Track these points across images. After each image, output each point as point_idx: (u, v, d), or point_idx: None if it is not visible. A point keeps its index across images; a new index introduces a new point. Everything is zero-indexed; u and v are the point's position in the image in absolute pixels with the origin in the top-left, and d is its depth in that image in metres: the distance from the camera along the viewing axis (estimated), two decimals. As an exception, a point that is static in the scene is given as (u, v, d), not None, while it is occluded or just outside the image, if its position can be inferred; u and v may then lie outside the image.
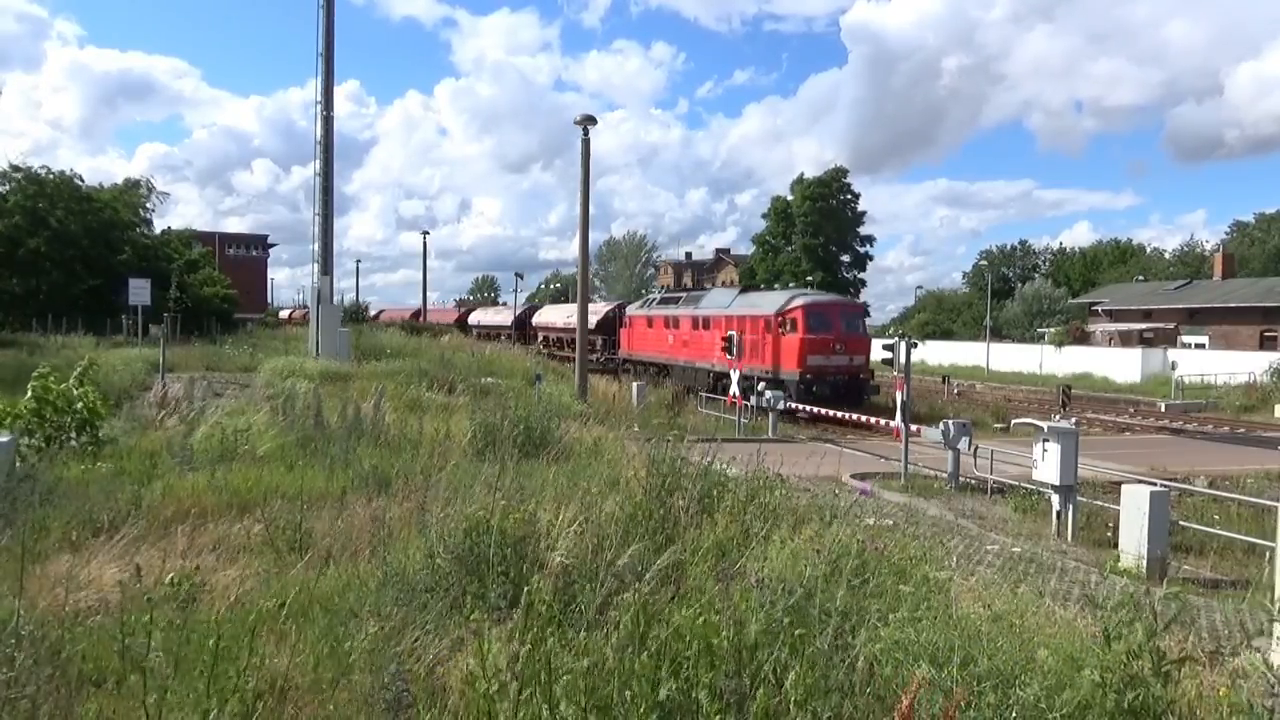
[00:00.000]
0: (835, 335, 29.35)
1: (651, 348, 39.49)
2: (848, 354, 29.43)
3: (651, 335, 39.63)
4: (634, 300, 51.54)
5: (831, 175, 76.56)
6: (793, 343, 29.27)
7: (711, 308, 35.03)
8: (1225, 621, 8.42)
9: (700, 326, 34.83)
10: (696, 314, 35.71)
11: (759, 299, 33.69)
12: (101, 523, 7.16)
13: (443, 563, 5.57)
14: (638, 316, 42.05)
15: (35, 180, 41.40)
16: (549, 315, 60.92)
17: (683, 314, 36.99)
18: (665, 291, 43.17)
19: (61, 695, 3.97)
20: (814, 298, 31.57)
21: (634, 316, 42.52)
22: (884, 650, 4.05)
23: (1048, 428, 12.89)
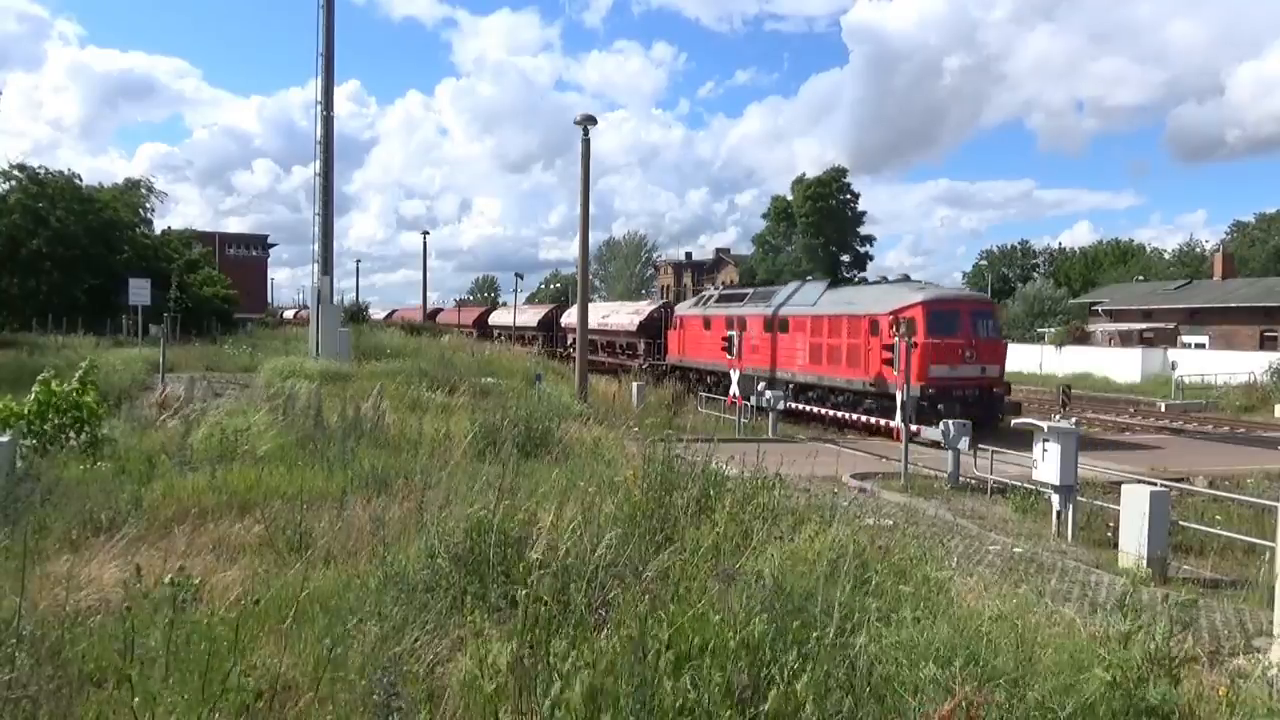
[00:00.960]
0: (964, 339, 23.55)
1: (709, 353, 33.47)
2: (979, 362, 23.74)
3: (709, 339, 33.74)
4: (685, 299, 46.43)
5: (831, 175, 76.59)
6: None
7: (792, 306, 29.33)
8: (1225, 621, 8.42)
9: (775, 329, 29.52)
10: (770, 314, 30.18)
11: (857, 295, 27.91)
12: (101, 523, 7.15)
13: (443, 562, 5.57)
14: (691, 317, 36.15)
15: (35, 180, 41.35)
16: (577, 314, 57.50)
17: (751, 314, 31.36)
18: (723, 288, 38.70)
19: (62, 695, 3.97)
20: (937, 293, 25.19)
21: (686, 317, 36.66)
22: (885, 650, 4.05)
23: (1048, 428, 12.90)
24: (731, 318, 32.19)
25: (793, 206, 76.33)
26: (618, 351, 47.14)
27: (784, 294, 31.29)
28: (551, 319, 59.24)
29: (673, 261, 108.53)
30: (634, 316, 46.00)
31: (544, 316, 60.66)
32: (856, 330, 25.30)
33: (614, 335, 47.63)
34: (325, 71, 27.83)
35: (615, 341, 47.94)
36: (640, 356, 43.43)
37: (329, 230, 28.45)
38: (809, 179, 76.49)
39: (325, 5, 27.48)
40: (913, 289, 25.74)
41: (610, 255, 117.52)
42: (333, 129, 28.26)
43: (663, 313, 43.02)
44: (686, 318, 36.83)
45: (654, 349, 41.72)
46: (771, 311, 30.32)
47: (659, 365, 39.94)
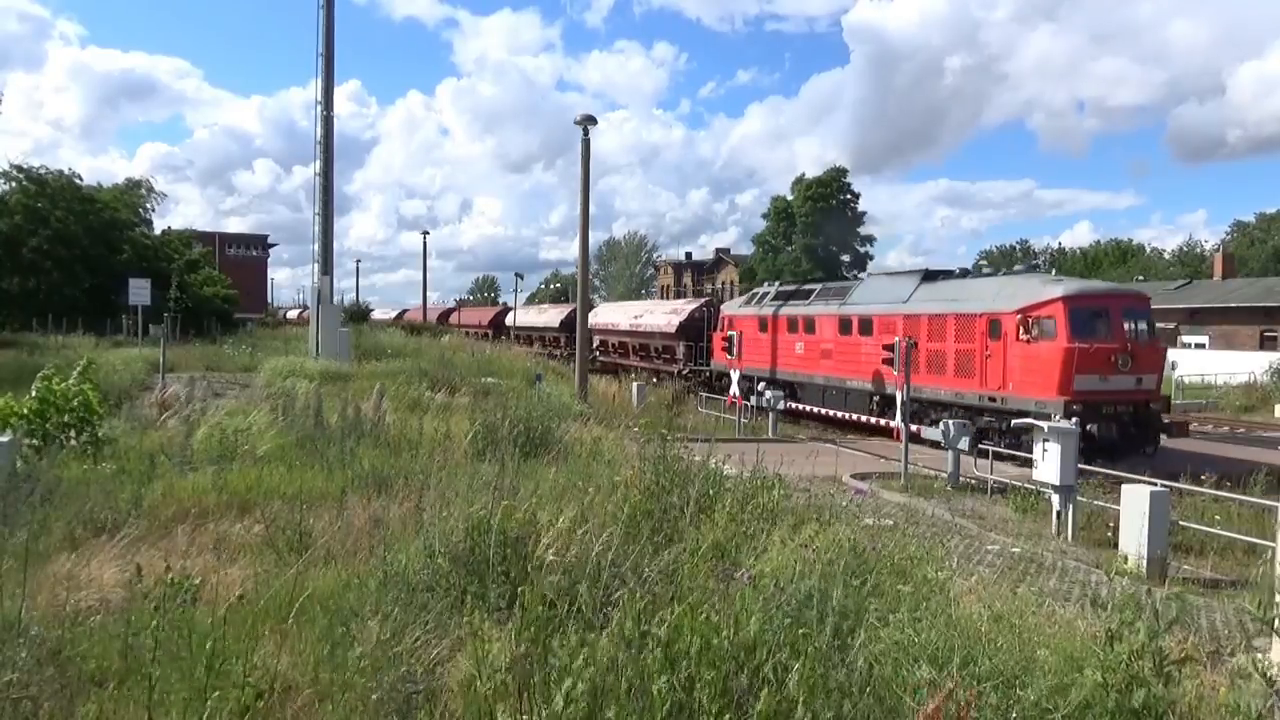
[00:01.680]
0: (1117, 342, 18.78)
1: (766, 358, 29.58)
2: (1135, 371, 18.80)
3: (766, 342, 29.79)
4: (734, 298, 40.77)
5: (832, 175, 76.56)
6: (1049, 354, 18.70)
7: (877, 302, 24.86)
8: (1225, 621, 8.42)
9: (855, 330, 25.15)
10: (848, 312, 25.76)
11: (966, 289, 22.52)
12: (102, 523, 7.16)
13: (443, 562, 5.57)
14: (743, 317, 31.68)
15: (36, 180, 41.38)
16: (608, 315, 50.54)
17: (822, 312, 27.07)
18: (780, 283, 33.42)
19: (63, 695, 3.98)
20: (1080, 286, 20.47)
21: (736, 317, 32.06)
22: (884, 650, 4.06)
23: (1048, 428, 12.90)
24: (795, 318, 28.27)
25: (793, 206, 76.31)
26: (653, 355, 42.69)
27: (863, 289, 26.68)
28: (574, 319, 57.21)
29: (673, 261, 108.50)
30: (672, 317, 41.17)
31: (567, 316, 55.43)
32: (968, 332, 20.96)
33: (648, 338, 43.20)
34: (325, 71, 27.84)
35: (650, 345, 43.14)
36: (679, 361, 39.13)
37: (329, 230, 28.47)
38: (809, 179, 76.45)
39: (325, 5, 27.49)
40: (1046, 281, 21.21)
41: (610, 255, 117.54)
42: (333, 129, 28.29)
43: (705, 312, 38.44)
44: (737, 318, 32.07)
45: (695, 353, 37.42)
46: (848, 310, 25.82)
47: (701, 371, 35.98)
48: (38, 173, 41.90)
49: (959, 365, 21.20)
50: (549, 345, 54.65)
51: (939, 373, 21.85)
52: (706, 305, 40.40)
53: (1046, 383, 18.62)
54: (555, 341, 54.46)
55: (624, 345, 46.57)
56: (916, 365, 21.26)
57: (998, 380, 19.89)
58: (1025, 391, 19.06)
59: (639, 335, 44.42)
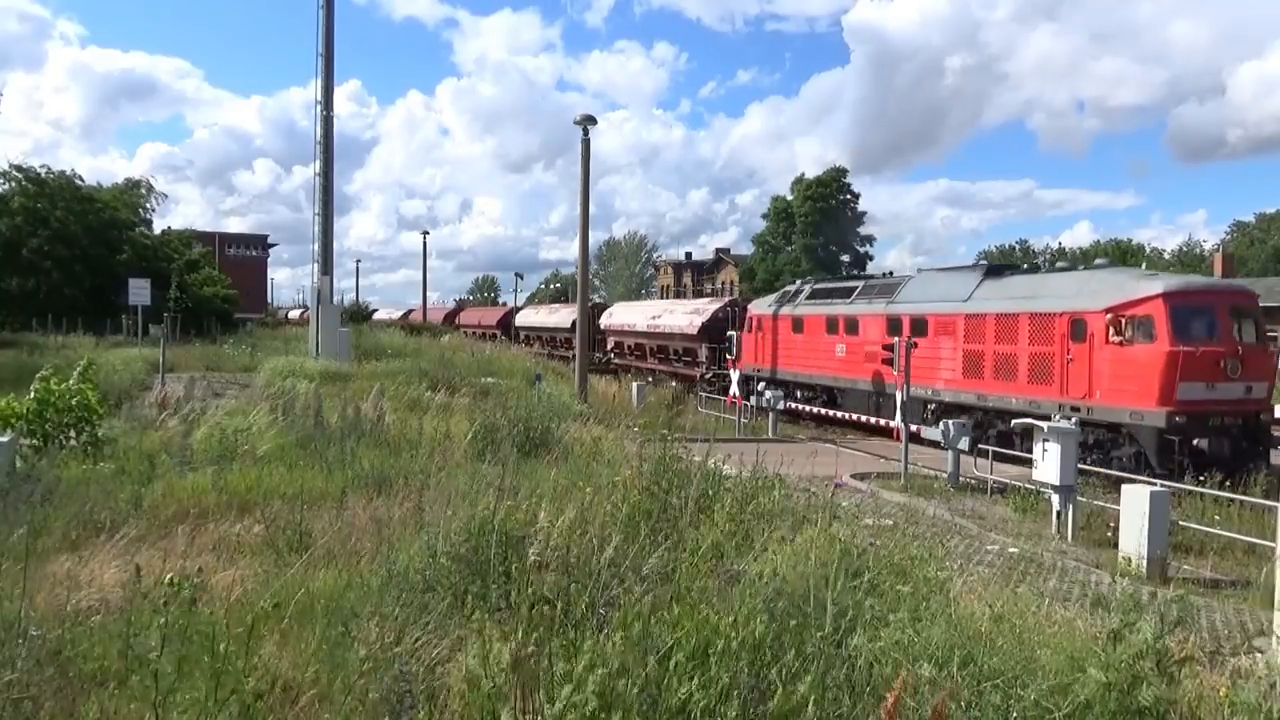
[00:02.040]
0: (1225, 346, 16.55)
1: (801, 361, 27.38)
2: (1244, 379, 16.62)
3: (801, 343, 27.52)
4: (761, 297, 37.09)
5: (831, 175, 76.66)
6: (1147, 359, 16.43)
7: (930, 302, 22.51)
8: (1225, 621, 8.43)
9: (906, 331, 22.35)
10: (897, 311, 23.36)
11: (1040, 285, 20.15)
12: (102, 523, 7.16)
13: (444, 562, 5.57)
14: (775, 317, 29.23)
15: (36, 180, 41.40)
16: (625, 315, 47.46)
17: (866, 312, 24.70)
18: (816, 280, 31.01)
19: (63, 695, 3.98)
20: (1182, 282, 18.22)
21: (766, 317, 29.63)
22: (884, 650, 4.06)
23: (1048, 428, 12.91)
24: (835, 318, 25.99)
25: (793, 207, 76.38)
26: (672, 358, 39.95)
27: (915, 286, 24.02)
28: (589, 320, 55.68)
29: (673, 261, 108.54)
30: (694, 317, 38.54)
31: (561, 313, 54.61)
32: (1046, 333, 18.66)
33: (667, 339, 40.63)
34: (325, 72, 27.86)
35: (669, 346, 40.33)
36: (703, 364, 36.64)
37: (329, 230, 28.48)
38: (809, 179, 76.55)
39: (325, 5, 27.51)
40: (1140, 276, 18.85)
41: (610, 255, 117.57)
42: (333, 129, 28.30)
43: (730, 312, 35.92)
44: (767, 318, 29.55)
45: (719, 356, 34.95)
46: (897, 309, 23.49)
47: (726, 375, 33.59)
48: (38, 173, 41.94)
49: (1034, 371, 18.88)
50: (559, 346, 52.38)
51: (1008, 379, 19.54)
52: (731, 305, 37.47)
53: (1143, 391, 16.42)
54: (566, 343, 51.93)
55: (641, 347, 43.80)
56: (980, 370, 20.10)
57: (1081, 388, 17.62)
58: (1116, 400, 16.85)
59: (657, 336, 41.85)
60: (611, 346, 46.18)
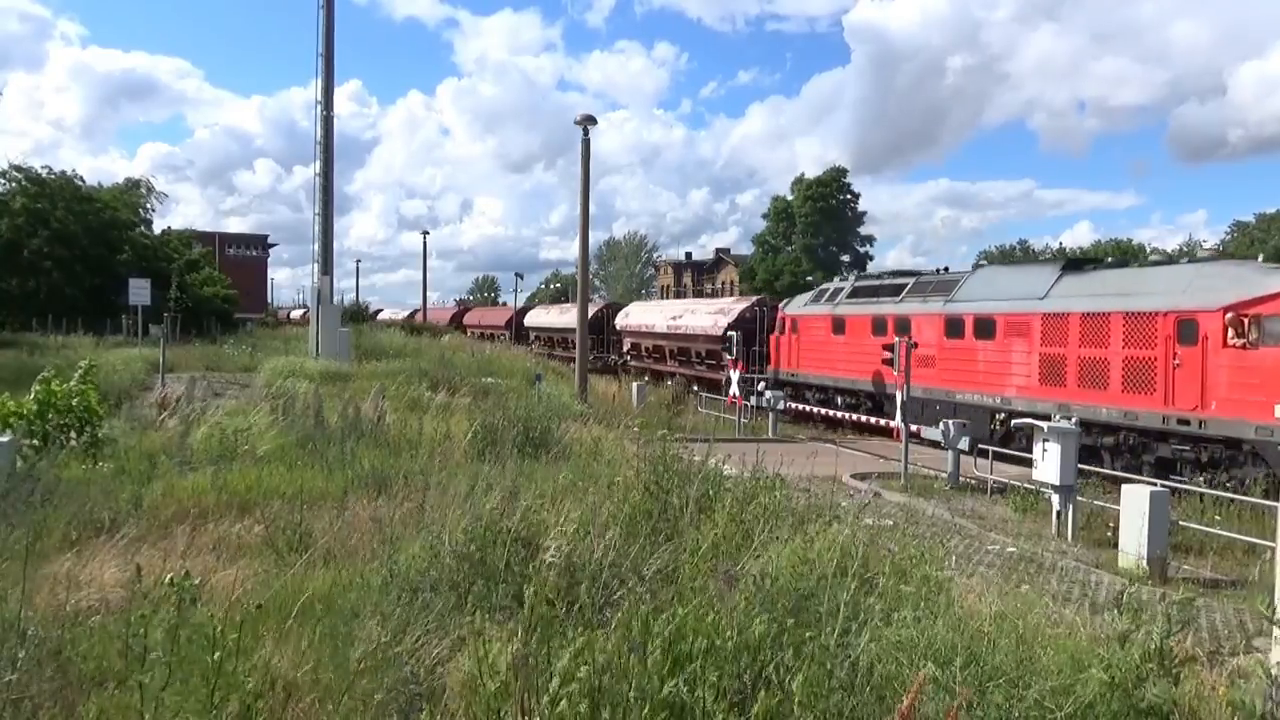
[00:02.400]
0: None
1: (844, 365, 25.33)
2: None
3: (843, 346, 25.46)
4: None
5: (831, 175, 76.71)
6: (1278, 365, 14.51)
7: (998, 300, 20.27)
8: (1225, 621, 8.43)
9: (968, 333, 20.64)
10: (957, 311, 21.24)
11: (1134, 281, 17.83)
12: (102, 523, 7.16)
13: (446, 561, 5.57)
14: (811, 318, 27.06)
15: (36, 180, 41.42)
16: (642, 316, 44.50)
17: (920, 311, 22.56)
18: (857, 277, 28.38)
19: (63, 695, 3.97)
20: None
21: (802, 318, 27.50)
22: (885, 650, 4.06)
23: (1048, 428, 12.91)
24: (882, 318, 23.79)
25: (792, 207, 76.42)
26: (694, 360, 36.97)
27: (977, 283, 21.77)
28: (601, 320, 47.95)
29: (673, 261, 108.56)
30: (719, 317, 35.80)
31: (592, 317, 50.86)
32: (1145, 335, 16.51)
33: (689, 340, 37.77)
34: (325, 72, 27.86)
35: (691, 349, 37.45)
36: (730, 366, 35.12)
37: (329, 230, 28.49)
38: (809, 179, 76.61)
39: (325, 6, 27.51)
40: (1264, 270, 16.33)
41: (610, 255, 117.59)
42: (333, 129, 28.31)
43: (759, 312, 33.62)
44: (803, 319, 27.37)
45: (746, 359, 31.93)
46: (958, 309, 21.27)
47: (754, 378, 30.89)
48: (38, 173, 41.96)
49: (1130, 377, 16.67)
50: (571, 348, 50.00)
51: (1097, 386, 17.33)
52: (759, 304, 35.09)
53: (1274, 402, 14.37)
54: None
55: (659, 349, 40.92)
56: (1061, 377, 18.05)
57: (1192, 398, 15.54)
58: (1237, 412, 14.77)
59: (678, 338, 39.13)
60: (628, 348, 43.43)
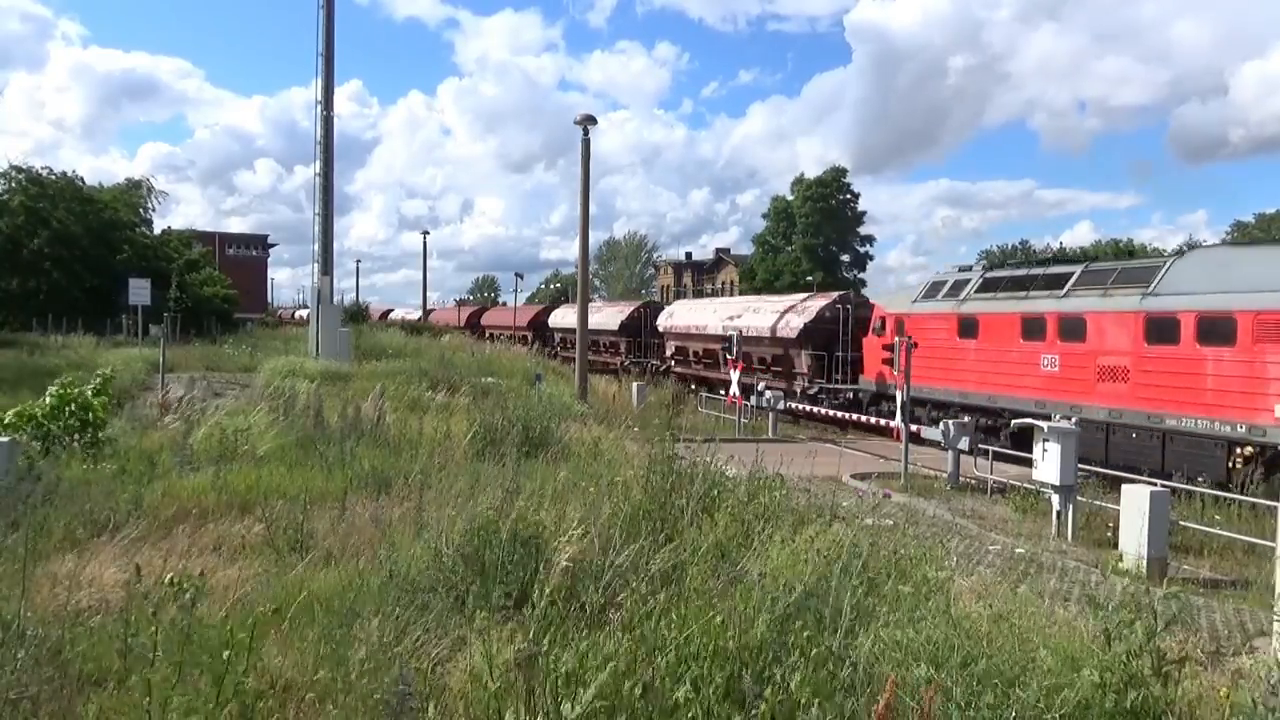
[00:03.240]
0: None
1: (976, 377, 20.79)
2: None
3: (975, 353, 20.98)
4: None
5: (831, 175, 76.74)
6: None
7: (1236, 291, 15.48)
8: (1225, 621, 8.43)
9: (1188, 337, 16.09)
10: (1166, 308, 16.60)
11: None
12: (102, 523, 7.17)
13: (447, 561, 5.58)
14: (926, 316, 22.19)
15: (36, 180, 41.43)
16: (690, 316, 38.42)
17: (1101, 309, 17.97)
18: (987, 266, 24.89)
19: (63, 695, 3.98)
20: None
21: (912, 316, 22.49)
22: (884, 650, 4.06)
23: (1048, 428, 12.91)
24: (1038, 317, 19.27)
25: (792, 207, 76.45)
26: (756, 367, 31.37)
27: (1194, 270, 16.86)
28: (639, 321, 43.42)
29: (673, 261, 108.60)
30: (791, 317, 29.94)
31: (629, 317, 44.47)
32: None
33: (751, 345, 31.22)
34: (325, 72, 27.85)
35: (753, 354, 31.32)
36: (803, 376, 28.90)
37: (329, 230, 28.48)
38: (809, 179, 76.64)
39: (325, 5, 27.50)
40: None
41: (610, 255, 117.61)
42: (333, 129, 28.29)
43: (842, 311, 27.99)
44: (915, 318, 22.30)
45: (828, 366, 27.64)
46: (1165, 305, 16.65)
47: (839, 392, 26.89)
48: (38, 173, 41.96)
49: None
50: (604, 351, 45.32)
51: None
52: (843, 301, 29.20)
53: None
54: (612, 348, 45.04)
55: (712, 353, 34.57)
56: None
57: None
58: None
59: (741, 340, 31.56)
60: (672, 353, 37.54)
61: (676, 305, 44.08)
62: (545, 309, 58.92)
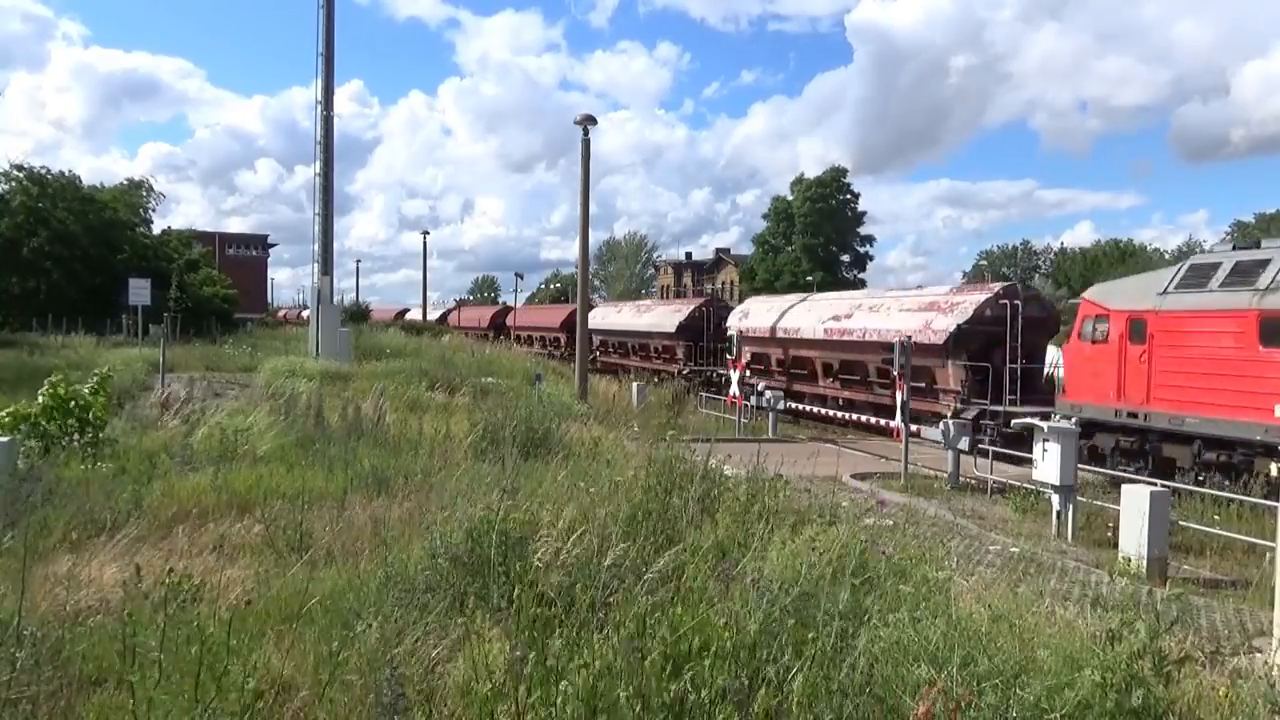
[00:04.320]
0: None
1: None
2: None
3: None
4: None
5: (831, 175, 76.80)
6: None
7: None
8: (1225, 621, 8.42)
9: None
10: None
11: None
12: (102, 523, 7.17)
13: (444, 563, 5.57)
14: (1197, 314, 15.40)
15: (36, 180, 41.43)
16: (796, 318, 29.91)
17: None
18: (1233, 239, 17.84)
19: (62, 695, 3.98)
20: None
21: (1165, 314, 15.95)
22: (884, 650, 4.06)
23: (1048, 428, 12.90)
24: None
25: (792, 207, 76.47)
26: (873, 381, 25.45)
27: None
28: (701, 323, 36.78)
29: (673, 261, 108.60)
30: (930, 316, 23.38)
31: (688, 318, 37.69)
32: None
33: (864, 352, 25.56)
34: (325, 72, 27.87)
35: (867, 363, 25.52)
36: (954, 394, 22.15)
37: (329, 230, 28.50)
38: (808, 179, 76.73)
39: (325, 5, 27.51)
40: None
41: (610, 255, 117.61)
42: (333, 129, 28.31)
43: (1009, 308, 21.55)
44: (1167, 316, 15.92)
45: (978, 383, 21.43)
46: None
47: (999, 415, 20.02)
48: (38, 173, 41.96)
49: None
50: (655, 356, 39.99)
51: None
52: (1006, 296, 22.35)
53: None
54: (665, 353, 38.98)
55: (807, 363, 28.62)
56: None
57: None
58: None
59: (844, 347, 26.64)
60: (749, 359, 29.16)
61: (751, 304, 35.80)
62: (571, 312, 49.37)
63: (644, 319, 42.21)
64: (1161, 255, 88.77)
